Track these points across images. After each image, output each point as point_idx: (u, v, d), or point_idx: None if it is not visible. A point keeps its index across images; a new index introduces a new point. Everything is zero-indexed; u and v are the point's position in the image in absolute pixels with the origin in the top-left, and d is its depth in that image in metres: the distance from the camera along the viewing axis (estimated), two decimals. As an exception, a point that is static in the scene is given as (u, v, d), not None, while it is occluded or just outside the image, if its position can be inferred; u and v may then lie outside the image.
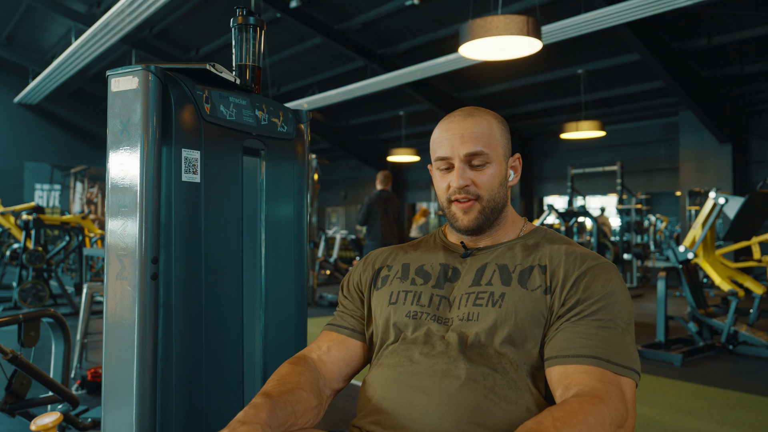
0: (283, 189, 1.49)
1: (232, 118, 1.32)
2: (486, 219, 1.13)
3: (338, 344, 1.18)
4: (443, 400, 0.99)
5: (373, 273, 1.23)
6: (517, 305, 1.04)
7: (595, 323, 1.00)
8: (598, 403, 0.89)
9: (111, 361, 1.17)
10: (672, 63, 8.21)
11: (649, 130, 11.55)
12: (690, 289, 5.00)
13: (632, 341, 1.01)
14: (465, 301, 1.08)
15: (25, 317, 2.55)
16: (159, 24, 10.21)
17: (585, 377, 0.95)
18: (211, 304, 1.26)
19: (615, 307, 1.02)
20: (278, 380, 1.06)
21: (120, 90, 1.17)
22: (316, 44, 9.91)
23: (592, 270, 1.05)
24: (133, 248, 1.15)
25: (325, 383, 1.13)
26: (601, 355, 0.97)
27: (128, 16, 8.20)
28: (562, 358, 0.99)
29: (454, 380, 1.01)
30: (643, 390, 3.83)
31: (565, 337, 1.00)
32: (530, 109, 11.71)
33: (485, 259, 1.14)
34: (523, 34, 4.63)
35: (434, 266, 1.17)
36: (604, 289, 1.03)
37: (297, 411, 1.01)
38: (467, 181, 1.11)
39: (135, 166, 1.15)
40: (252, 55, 1.45)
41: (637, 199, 10.84)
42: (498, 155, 1.14)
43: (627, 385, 0.96)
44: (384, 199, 6.52)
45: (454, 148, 1.12)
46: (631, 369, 0.98)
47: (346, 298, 1.25)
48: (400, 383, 1.04)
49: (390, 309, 1.14)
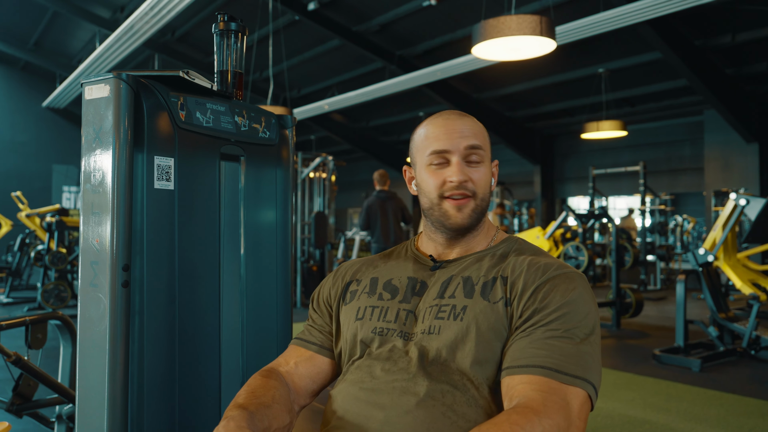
0: (264, 195, 1.48)
1: (209, 125, 1.32)
2: (477, 218, 1.12)
3: (306, 360, 1.17)
4: (400, 417, 0.97)
5: (342, 287, 1.21)
6: (479, 317, 1.02)
7: (549, 333, 0.97)
8: (529, 413, 0.86)
9: (84, 369, 1.18)
10: (695, 61, 8.04)
11: (672, 130, 11.34)
12: (710, 293, 4.88)
13: (591, 352, 0.97)
14: (428, 314, 1.06)
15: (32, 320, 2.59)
16: (181, 28, 10.35)
17: (526, 388, 0.91)
18: (185, 311, 1.25)
19: (574, 317, 0.98)
20: (252, 392, 1.04)
21: (93, 98, 1.18)
22: (334, 46, 9.95)
23: (552, 280, 1.02)
24: (104, 255, 1.15)
25: (295, 398, 1.12)
26: (549, 365, 0.93)
27: (150, 20, 8.32)
28: (510, 369, 0.96)
29: (411, 397, 0.99)
30: (658, 396, 3.75)
31: (517, 347, 0.97)
32: (551, 109, 11.59)
33: (452, 271, 1.12)
34: (537, 34, 4.57)
35: (402, 280, 1.15)
36: (563, 299, 0.99)
37: (271, 426, 1.00)
38: (466, 177, 1.09)
39: (107, 174, 1.15)
40: (233, 60, 1.44)
41: (660, 199, 10.64)
42: (487, 156, 1.14)
43: (574, 395, 0.91)
44: (383, 200, 6.31)
45: (454, 142, 1.10)
46: (583, 379, 0.93)
47: (315, 312, 1.24)
48: (359, 399, 1.03)
49: (357, 325, 1.12)
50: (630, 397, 3.75)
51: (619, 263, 6.31)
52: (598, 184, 11.44)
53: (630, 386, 4.01)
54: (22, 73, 15.02)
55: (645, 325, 6.53)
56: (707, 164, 10.27)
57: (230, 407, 1.00)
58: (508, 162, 13.85)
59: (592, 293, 1.04)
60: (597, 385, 0.95)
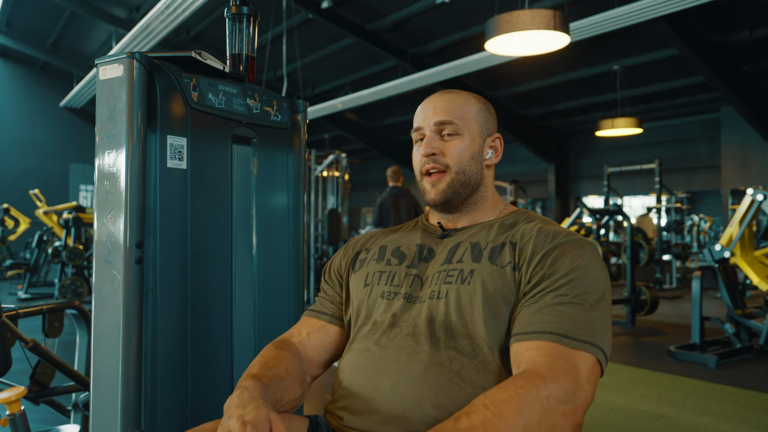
0: (276, 178, 1.50)
1: (221, 106, 1.33)
2: (455, 193, 1.12)
3: (318, 330, 1.18)
4: (407, 384, 0.98)
5: (352, 256, 1.23)
6: (486, 281, 1.02)
7: (558, 299, 0.96)
8: (535, 378, 0.86)
9: (98, 345, 1.20)
10: (712, 57, 7.95)
11: (689, 127, 11.23)
12: (726, 289, 4.83)
13: (601, 318, 0.96)
14: (436, 279, 1.07)
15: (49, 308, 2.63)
16: (195, 27, 10.43)
17: (533, 354, 0.91)
18: (198, 290, 1.27)
19: (583, 283, 0.98)
20: (265, 363, 1.05)
21: (107, 78, 1.20)
22: (348, 44, 9.97)
23: (561, 246, 1.02)
24: (118, 233, 1.17)
25: (308, 369, 1.13)
26: (558, 330, 0.93)
27: (165, 19, 8.40)
28: (519, 336, 0.96)
29: (418, 364, 0.99)
30: (673, 392, 3.72)
31: (526, 314, 0.97)
32: (565, 107, 11.52)
33: (460, 238, 1.13)
34: (550, 28, 4.55)
35: (411, 247, 1.16)
36: (572, 264, 0.99)
37: (284, 398, 1.00)
38: (435, 149, 1.12)
39: (121, 152, 1.17)
40: (245, 44, 1.46)
41: (676, 197, 10.54)
42: (471, 130, 1.14)
43: (582, 359, 0.91)
44: (396, 196, 6.24)
45: (426, 119, 1.14)
46: (592, 344, 0.93)
47: (327, 283, 1.25)
48: (366, 368, 1.03)
49: (365, 291, 1.14)
50: (645, 392, 3.72)
51: (634, 260, 6.25)
52: (613, 182, 11.35)
53: (645, 382, 3.98)
54: (40, 74, 15.22)
55: (660, 322, 6.47)
56: (724, 162, 10.15)
57: (244, 377, 1.00)
58: (522, 160, 13.79)
59: (602, 260, 1.04)
60: (607, 351, 0.95)
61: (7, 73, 14.97)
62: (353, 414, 1.01)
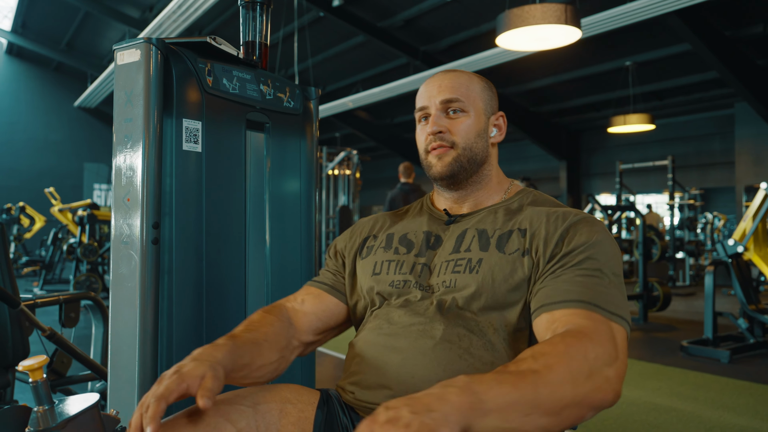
0: (289, 163, 1.52)
1: (235, 91, 1.36)
2: (461, 168, 1.13)
3: (314, 297, 1.19)
4: (417, 359, 0.99)
5: (360, 242, 1.23)
6: (494, 269, 1.03)
7: (580, 272, 0.97)
8: (583, 337, 0.85)
9: (115, 325, 1.22)
10: (726, 52, 7.89)
11: (702, 123, 11.14)
12: (740, 284, 4.79)
13: (621, 293, 0.97)
14: (444, 268, 1.08)
15: (65, 299, 2.68)
16: (208, 26, 10.50)
17: (573, 318, 0.91)
18: (212, 271, 1.30)
19: (600, 257, 0.98)
20: (247, 326, 1.06)
21: (125, 63, 1.22)
22: (359, 42, 9.99)
23: (574, 225, 1.03)
24: (135, 213, 1.19)
25: (295, 334, 1.12)
26: (589, 299, 0.93)
27: (178, 19, 8.47)
28: (547, 306, 0.95)
29: (428, 340, 1.00)
30: (685, 386, 3.70)
31: (550, 287, 0.97)
32: (577, 104, 11.48)
33: (466, 225, 1.13)
34: (561, 22, 4.54)
35: (418, 234, 1.17)
36: (588, 240, 1.00)
37: (254, 363, 1.00)
38: (442, 128, 1.12)
39: (138, 135, 1.20)
40: (258, 32, 1.48)
41: (690, 194, 10.46)
42: (476, 107, 1.14)
43: (617, 330, 0.91)
44: (406, 192, 6.27)
45: (431, 98, 1.14)
46: (620, 317, 0.93)
47: (331, 259, 1.26)
48: (377, 344, 1.05)
49: (373, 280, 1.14)
50: (656, 386, 3.71)
51: (646, 257, 6.23)
52: (626, 180, 11.29)
53: (657, 376, 3.96)
54: (55, 74, 15.41)
55: (673, 319, 6.43)
56: (738, 158, 10.07)
57: (224, 336, 1.01)
58: (534, 158, 13.76)
59: (613, 237, 1.04)
60: (629, 327, 0.95)
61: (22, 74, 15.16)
62: (364, 389, 1.03)
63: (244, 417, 0.93)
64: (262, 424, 0.95)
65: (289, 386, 1.05)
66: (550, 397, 0.76)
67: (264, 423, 0.95)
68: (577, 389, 0.78)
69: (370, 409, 1.02)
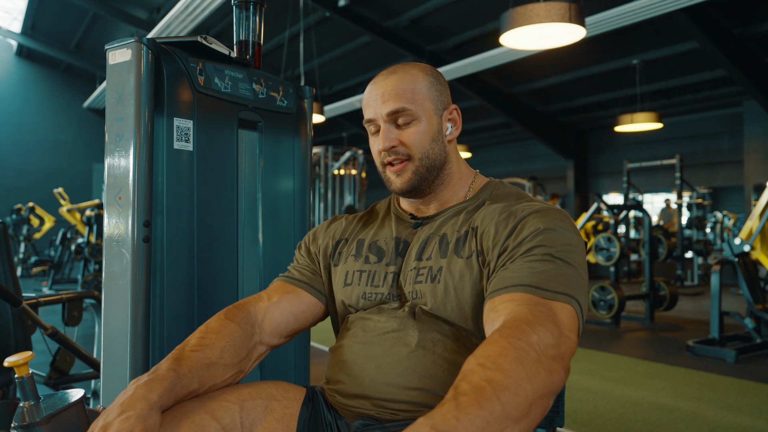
0: (282, 162, 1.52)
1: (227, 90, 1.37)
2: (422, 179, 1.08)
3: (292, 297, 1.14)
4: (392, 367, 0.99)
5: (332, 245, 1.20)
6: (455, 276, 1.01)
7: (527, 258, 0.94)
8: (520, 325, 0.82)
9: (108, 322, 1.24)
10: (734, 50, 7.82)
11: (711, 122, 11.06)
12: (746, 283, 4.76)
13: (575, 274, 0.93)
14: (410, 278, 1.06)
15: (68, 297, 2.70)
16: (215, 27, 10.54)
17: (509, 305, 0.88)
18: (204, 267, 1.30)
19: (551, 243, 0.95)
20: (201, 339, 0.98)
21: (116, 62, 1.23)
22: (365, 42, 10.00)
23: (525, 218, 0.99)
24: (126, 212, 1.20)
25: (262, 338, 1.07)
26: (530, 282, 0.90)
27: (185, 20, 8.52)
28: (491, 294, 0.93)
29: (403, 347, 1.00)
30: (690, 385, 3.68)
31: (497, 276, 0.95)
32: (584, 103, 11.43)
33: (430, 230, 1.10)
34: (565, 20, 4.52)
35: (388, 241, 1.13)
36: (538, 228, 0.96)
37: (204, 386, 0.96)
38: (393, 142, 1.07)
39: (129, 134, 1.21)
40: (252, 32, 1.49)
41: (698, 193, 10.39)
42: (426, 110, 1.08)
43: (560, 308, 0.87)
44: None
45: (377, 109, 1.07)
46: (566, 294, 0.89)
47: (303, 257, 1.22)
48: (353, 353, 1.05)
49: (346, 291, 1.12)
50: (660, 386, 3.69)
51: (652, 256, 6.19)
52: (634, 179, 11.23)
53: (661, 376, 3.94)
54: (64, 75, 15.53)
55: (680, 318, 6.39)
56: (747, 157, 9.98)
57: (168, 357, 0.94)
58: (540, 157, 13.70)
59: (574, 227, 1.00)
60: (583, 305, 0.91)
61: (32, 75, 15.29)
62: (345, 397, 1.04)
63: (228, 414, 0.94)
64: (246, 421, 0.95)
65: (276, 383, 1.05)
66: (515, 401, 0.71)
67: (249, 420, 0.96)
68: (534, 381, 0.75)
69: (352, 413, 1.03)
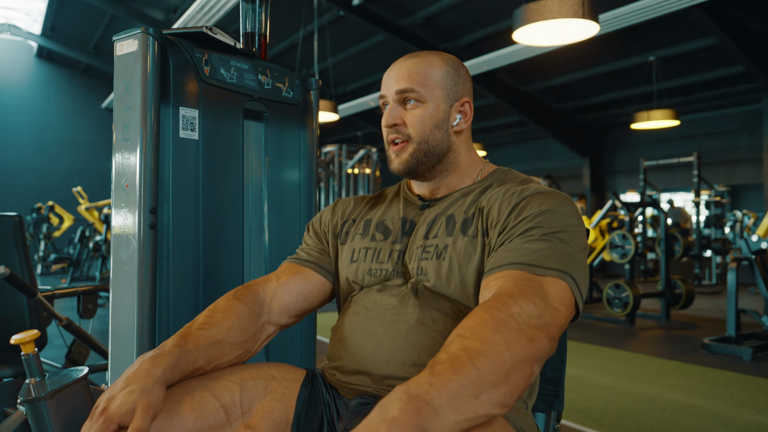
0: (288, 153, 1.54)
1: (233, 81, 1.39)
2: (419, 162, 1.10)
3: (299, 276, 1.15)
4: (392, 344, 1.00)
5: (341, 224, 1.22)
6: (460, 253, 1.02)
7: (524, 238, 0.95)
8: (503, 297, 0.84)
9: (115, 308, 1.26)
10: (752, 45, 7.71)
11: (729, 119, 10.91)
12: (764, 281, 4.70)
13: (572, 252, 0.94)
14: (416, 255, 1.07)
15: (84, 290, 2.75)
16: (230, 27, 10.63)
17: (499, 281, 0.90)
18: (209, 255, 1.33)
19: (550, 224, 0.96)
20: (209, 318, 1.01)
21: (123, 53, 1.26)
22: (379, 41, 10.01)
23: (527, 198, 1.01)
24: (133, 199, 1.23)
25: (270, 318, 1.09)
26: (523, 261, 0.92)
27: (201, 20, 8.61)
28: (486, 273, 0.95)
29: (403, 324, 1.01)
30: (705, 383, 3.65)
31: (494, 255, 0.97)
32: (600, 100, 11.33)
33: (438, 210, 1.12)
34: (578, 16, 4.50)
35: (395, 221, 1.15)
36: (539, 209, 0.98)
37: (210, 364, 0.97)
38: (397, 120, 1.10)
39: (136, 123, 1.23)
40: (258, 23, 1.51)
41: (716, 191, 10.26)
42: (435, 96, 1.09)
43: (550, 283, 0.89)
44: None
45: (389, 87, 1.11)
46: (560, 270, 0.91)
47: (312, 237, 1.24)
48: (354, 329, 1.06)
49: (352, 267, 1.13)
50: (675, 383, 3.65)
51: (668, 254, 6.13)
52: (651, 177, 11.12)
53: (676, 373, 3.91)
54: (83, 76, 15.73)
55: (696, 317, 6.32)
56: (767, 155, 9.83)
57: (176, 335, 0.96)
58: (556, 155, 13.62)
59: (577, 212, 1.01)
60: (579, 283, 0.92)
61: (52, 76, 15.51)
62: (345, 374, 1.05)
63: (228, 393, 0.96)
64: (246, 400, 0.97)
65: (278, 365, 1.07)
66: (491, 366, 0.73)
67: (248, 399, 0.97)
68: (513, 348, 0.76)
69: (351, 390, 1.04)
